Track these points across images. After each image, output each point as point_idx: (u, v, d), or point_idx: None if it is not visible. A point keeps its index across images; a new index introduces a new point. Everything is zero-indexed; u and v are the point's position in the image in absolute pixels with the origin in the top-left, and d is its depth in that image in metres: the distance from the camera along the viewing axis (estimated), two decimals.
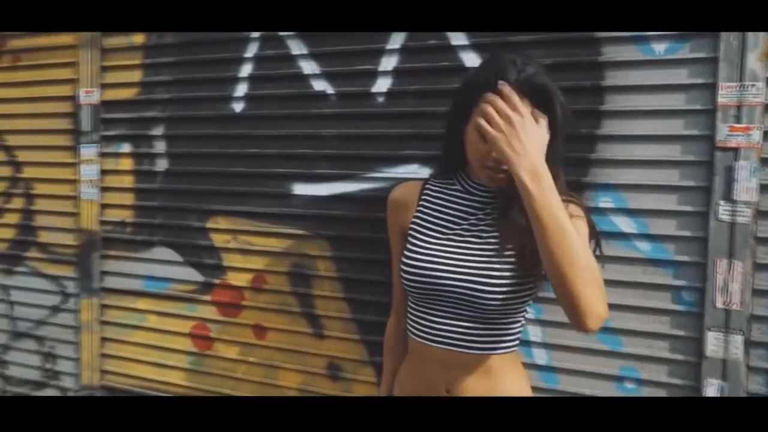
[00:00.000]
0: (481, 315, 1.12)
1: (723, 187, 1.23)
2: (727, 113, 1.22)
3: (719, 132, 1.23)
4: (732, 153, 1.22)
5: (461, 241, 1.15)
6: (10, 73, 2.01)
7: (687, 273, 1.29)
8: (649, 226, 1.31)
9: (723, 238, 1.23)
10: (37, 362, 2.04)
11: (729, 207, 1.22)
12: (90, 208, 1.88)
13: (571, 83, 1.33)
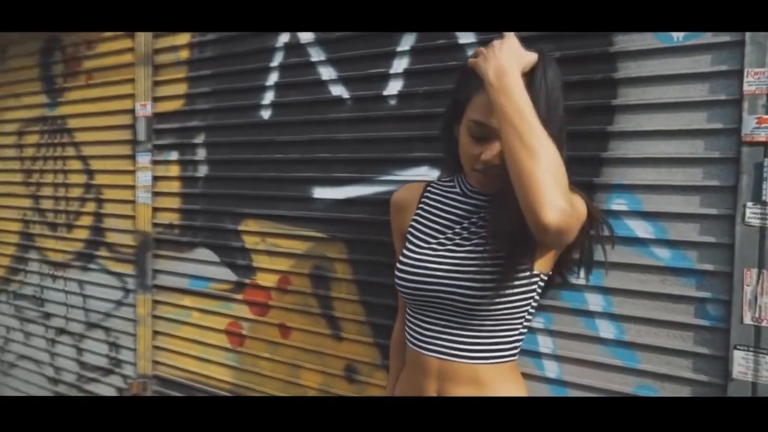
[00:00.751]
0: (469, 322, 1.08)
1: (751, 186, 1.08)
2: (755, 103, 1.08)
3: (746, 124, 1.08)
4: (761, 148, 1.07)
5: (451, 246, 1.12)
6: (84, 91, 2.25)
7: (711, 284, 1.15)
8: (668, 231, 1.18)
9: (752, 245, 1.08)
10: (105, 351, 2.25)
11: (758, 209, 1.07)
12: (145, 211, 2.05)
13: (580, 77, 1.24)
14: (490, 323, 1.09)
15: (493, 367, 1.10)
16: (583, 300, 1.27)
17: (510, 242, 1.04)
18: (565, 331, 1.30)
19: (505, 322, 1.09)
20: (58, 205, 2.38)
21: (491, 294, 1.05)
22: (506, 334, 1.10)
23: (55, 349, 2.45)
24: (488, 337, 1.09)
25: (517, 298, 1.08)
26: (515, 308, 1.09)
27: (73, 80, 2.29)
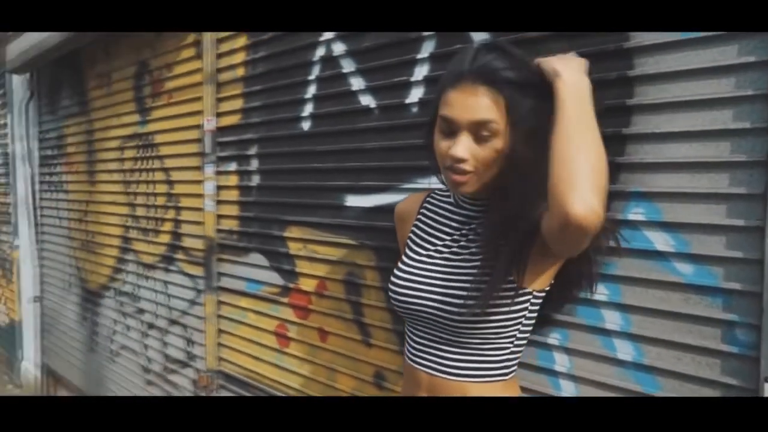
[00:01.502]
0: (456, 339, 1.06)
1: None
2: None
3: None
4: None
5: (438, 259, 1.10)
6: (165, 109, 2.49)
7: (739, 305, 1.00)
8: (691, 244, 1.05)
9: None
10: (183, 345, 2.47)
11: None
12: (210, 218, 2.22)
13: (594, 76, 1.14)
14: (477, 341, 1.05)
15: (482, 385, 1.06)
16: (600, 317, 1.18)
17: (499, 254, 1.00)
18: (581, 350, 1.21)
19: (492, 340, 1.05)
20: (148, 212, 2.65)
21: (476, 310, 1.01)
22: (495, 352, 1.06)
23: (146, 341, 2.73)
24: (475, 355, 1.06)
25: (505, 317, 1.03)
26: (503, 326, 1.04)
27: (157, 100, 2.54)
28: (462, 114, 0.94)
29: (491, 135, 0.94)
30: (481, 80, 0.93)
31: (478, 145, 0.95)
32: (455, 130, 0.96)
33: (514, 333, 1.06)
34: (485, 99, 0.93)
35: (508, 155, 0.95)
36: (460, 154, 0.95)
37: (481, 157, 0.96)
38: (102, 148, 3.00)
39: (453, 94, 0.96)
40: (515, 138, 0.94)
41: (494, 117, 0.93)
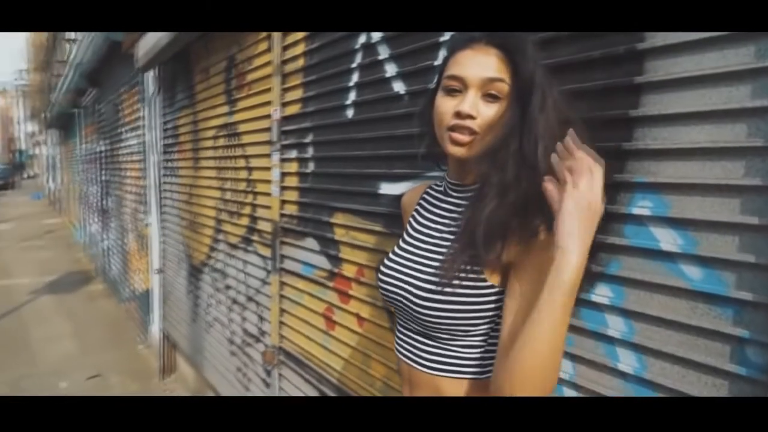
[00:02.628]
0: (426, 331, 1.03)
1: None
2: None
3: None
4: None
5: (418, 248, 1.07)
6: (246, 100, 2.66)
7: (752, 319, 0.84)
8: (700, 244, 0.90)
9: None
10: (256, 321, 2.64)
11: None
12: (276, 203, 2.34)
13: (600, 52, 1.02)
14: (446, 336, 1.00)
15: (456, 381, 1.01)
16: (603, 322, 1.06)
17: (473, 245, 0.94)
18: (584, 357, 1.09)
19: (460, 336, 0.99)
20: (233, 196, 2.86)
21: (436, 297, 0.97)
22: (466, 350, 1.00)
23: (231, 315, 2.96)
24: (446, 349, 1.01)
25: (472, 312, 0.96)
26: (471, 322, 0.97)
27: (240, 92, 2.72)
28: (472, 71, 0.93)
29: (498, 96, 0.92)
30: (494, 43, 0.93)
31: (486, 105, 0.93)
32: (462, 89, 0.95)
33: (486, 332, 0.99)
34: (497, 60, 0.92)
35: (507, 124, 0.91)
36: (467, 110, 0.92)
37: (487, 117, 0.93)
38: (202, 137, 3.28)
39: (463, 54, 0.95)
40: (515, 108, 0.91)
41: (504, 77, 0.92)
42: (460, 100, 0.94)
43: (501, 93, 0.92)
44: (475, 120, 0.93)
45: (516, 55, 0.91)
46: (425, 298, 0.98)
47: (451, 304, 0.96)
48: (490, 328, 0.99)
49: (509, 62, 0.92)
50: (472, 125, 0.93)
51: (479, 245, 0.94)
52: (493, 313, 0.98)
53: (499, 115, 0.92)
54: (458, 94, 0.95)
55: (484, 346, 1.00)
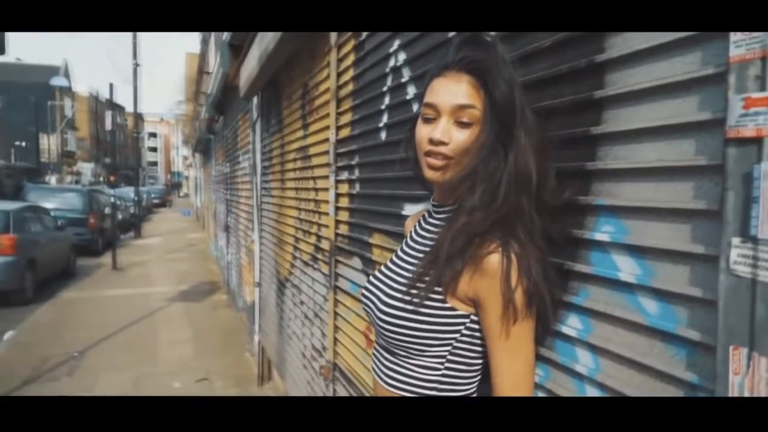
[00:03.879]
0: (386, 344, 1.05)
1: (739, 211, 0.66)
2: (743, 74, 0.65)
3: (731, 111, 0.66)
4: (752, 148, 0.64)
5: (395, 265, 1.11)
6: (315, 125, 2.80)
7: (699, 362, 0.73)
8: (656, 275, 0.80)
9: (740, 309, 0.65)
10: (319, 336, 2.74)
11: (748, 250, 0.64)
12: (332, 223, 2.43)
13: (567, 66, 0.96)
14: (403, 353, 1.01)
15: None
16: (573, 356, 0.97)
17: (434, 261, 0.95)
18: (555, 392, 1.01)
19: (416, 355, 0.99)
20: (306, 215, 3.01)
21: (395, 314, 0.98)
22: (422, 370, 0.99)
23: (303, 330, 3.10)
24: (404, 367, 1.02)
25: (427, 332, 0.97)
26: (426, 342, 0.97)
27: (310, 117, 2.87)
28: (444, 99, 0.96)
29: (471, 122, 0.94)
30: (465, 69, 0.95)
31: (459, 130, 0.95)
32: (437, 116, 0.97)
33: (443, 354, 0.97)
34: (468, 86, 0.95)
35: (481, 148, 0.93)
36: (439, 136, 0.95)
37: (460, 142, 0.95)
38: (286, 159, 3.50)
39: (437, 82, 0.99)
40: (489, 132, 0.93)
41: (475, 103, 0.94)
42: (434, 126, 0.96)
43: (472, 119, 0.94)
44: (448, 146, 0.95)
45: (488, 78, 0.92)
46: (386, 312, 1.00)
47: (408, 321, 0.97)
48: (448, 351, 0.97)
49: (481, 87, 0.93)
50: (445, 151, 0.95)
51: (441, 264, 0.94)
52: (451, 336, 0.97)
53: (471, 140, 0.94)
54: (433, 121, 0.97)
55: (440, 369, 0.98)
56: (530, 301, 0.89)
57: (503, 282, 0.88)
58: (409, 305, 0.97)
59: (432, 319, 0.96)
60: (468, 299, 0.94)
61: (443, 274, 0.94)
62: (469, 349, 0.98)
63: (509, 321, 0.89)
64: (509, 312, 0.89)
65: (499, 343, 0.92)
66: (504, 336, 0.90)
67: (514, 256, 0.88)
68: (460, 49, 0.96)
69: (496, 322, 0.91)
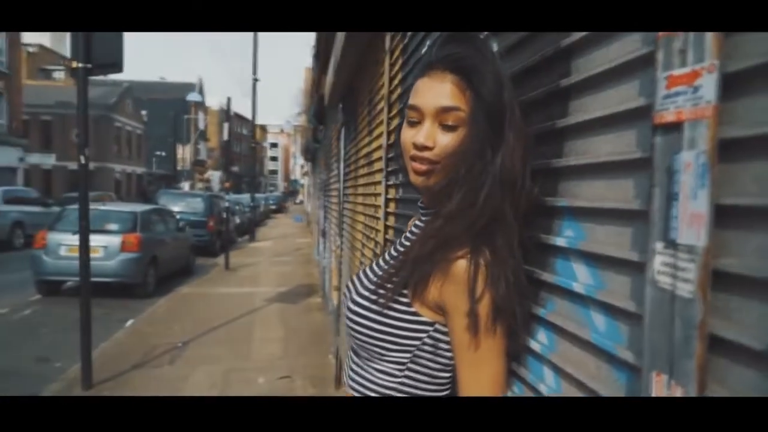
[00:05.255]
0: (354, 344, 1.03)
1: (663, 212, 0.55)
2: (669, 49, 0.55)
3: (658, 93, 0.56)
4: (675, 134, 0.54)
5: (376, 266, 1.07)
6: (376, 130, 2.82)
7: (636, 389, 0.62)
8: (605, 286, 0.70)
9: (663, 326, 0.55)
10: None
11: (669, 257, 0.54)
12: (382, 227, 2.42)
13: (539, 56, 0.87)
14: (366, 354, 0.99)
15: None
16: (540, 374, 0.87)
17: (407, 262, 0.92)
18: None
19: (376, 358, 0.96)
20: (367, 221, 3.03)
21: (361, 312, 0.96)
22: (381, 375, 0.96)
23: None
24: (364, 369, 1.00)
25: (389, 335, 0.93)
26: (387, 346, 0.94)
27: (373, 123, 2.89)
28: (427, 100, 0.92)
29: (456, 124, 0.90)
30: (449, 68, 0.90)
31: (444, 133, 0.91)
32: (421, 119, 0.94)
33: (403, 361, 0.93)
34: (452, 86, 0.90)
35: (467, 151, 0.89)
36: (422, 141, 0.91)
37: (445, 146, 0.91)
38: (359, 165, 3.55)
39: (421, 82, 0.95)
40: (475, 134, 0.87)
41: (459, 104, 0.89)
42: (418, 130, 0.92)
43: (458, 121, 0.89)
44: (433, 150, 0.91)
45: (474, 76, 0.87)
46: (353, 310, 0.99)
47: (371, 321, 0.95)
48: (408, 359, 0.93)
49: (467, 86, 0.88)
50: (429, 155, 0.91)
51: (409, 267, 0.91)
52: (412, 343, 0.92)
53: (456, 143, 0.89)
54: (418, 124, 0.93)
55: (398, 376, 0.94)
56: (497, 314, 0.82)
57: (467, 290, 0.82)
58: (374, 305, 0.94)
59: (394, 323, 0.92)
60: (436, 306, 0.89)
61: (410, 277, 0.90)
62: (433, 359, 0.92)
63: (472, 332, 0.83)
64: (471, 322, 0.82)
65: (462, 355, 0.86)
66: (468, 348, 0.84)
67: (483, 264, 0.82)
68: (444, 46, 0.91)
69: (460, 332, 0.85)
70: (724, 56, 0.48)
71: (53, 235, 8.07)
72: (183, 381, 4.78)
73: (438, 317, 0.90)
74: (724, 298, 0.49)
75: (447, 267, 0.85)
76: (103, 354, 5.42)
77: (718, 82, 0.48)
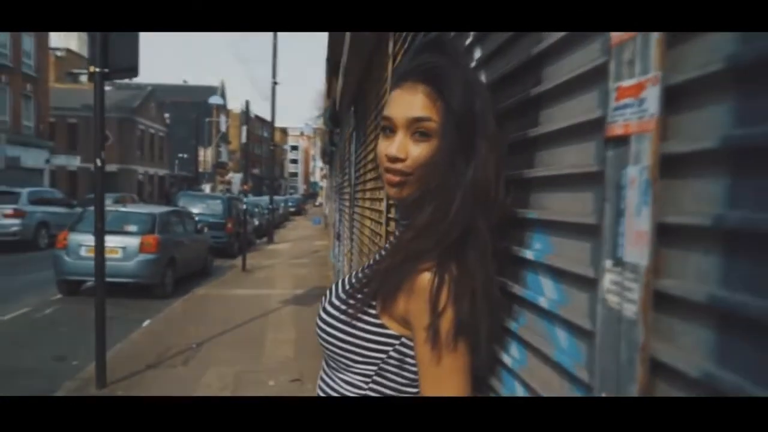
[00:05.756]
0: (324, 352, 1.01)
1: (611, 228, 0.53)
2: (620, 59, 0.53)
3: (609, 104, 0.54)
4: (623, 148, 0.51)
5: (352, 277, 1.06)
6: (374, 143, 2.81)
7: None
8: (567, 302, 0.68)
9: (612, 347, 0.53)
10: None
11: (617, 275, 0.52)
12: (385, 232, 2.41)
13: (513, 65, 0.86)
14: (333, 363, 0.98)
15: None
16: (512, 388, 0.86)
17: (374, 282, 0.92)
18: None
19: (342, 368, 0.95)
20: (373, 225, 3.03)
21: (328, 321, 0.95)
22: (346, 386, 0.96)
23: None
24: (331, 378, 0.99)
25: (354, 341, 0.92)
26: (352, 357, 0.93)
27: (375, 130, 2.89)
28: (399, 112, 0.91)
29: (428, 134, 0.89)
30: (420, 78, 0.90)
31: (416, 144, 0.90)
32: (392, 129, 0.93)
33: (368, 373, 0.92)
34: (423, 97, 0.89)
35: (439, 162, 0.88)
36: (394, 152, 0.91)
37: (417, 157, 0.90)
38: (367, 170, 3.55)
39: (395, 93, 0.94)
40: (446, 144, 0.86)
41: (430, 115, 0.88)
42: (392, 141, 0.91)
43: (430, 131, 0.87)
44: (405, 162, 0.89)
45: (443, 85, 0.86)
46: (323, 319, 0.98)
47: (339, 332, 0.94)
48: (374, 372, 0.92)
49: (437, 96, 0.86)
50: (402, 167, 0.90)
51: (377, 279, 0.90)
52: (377, 355, 0.91)
53: (428, 154, 0.88)
54: (392, 134, 0.92)
55: (364, 389, 0.93)
56: (458, 331, 0.80)
57: (430, 304, 0.81)
58: (343, 315, 0.93)
59: (361, 334, 0.91)
60: (402, 319, 0.88)
61: (379, 289, 0.89)
62: (399, 374, 0.91)
63: (432, 347, 0.81)
64: (431, 337, 0.81)
65: (423, 370, 0.84)
66: (428, 363, 0.83)
67: (448, 279, 0.80)
68: (416, 56, 0.91)
69: (421, 347, 0.83)
70: (667, 68, 0.46)
71: (74, 235, 8.23)
72: (196, 381, 4.83)
73: (405, 331, 0.88)
74: (667, 320, 0.47)
75: (412, 280, 0.84)
76: (119, 353, 5.51)
77: (660, 95, 0.46)
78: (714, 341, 0.41)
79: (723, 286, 0.40)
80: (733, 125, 0.40)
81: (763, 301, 0.36)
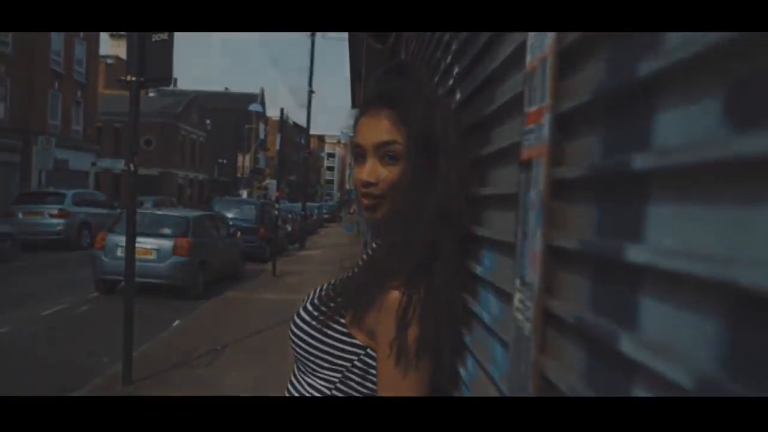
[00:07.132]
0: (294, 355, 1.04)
1: (521, 248, 0.55)
2: (531, 85, 0.54)
3: (523, 128, 0.56)
4: (528, 171, 0.53)
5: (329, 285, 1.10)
6: None
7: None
8: (503, 317, 0.69)
9: (517, 363, 0.54)
10: None
11: (522, 294, 0.53)
12: None
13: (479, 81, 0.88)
14: (301, 366, 1.01)
15: None
16: None
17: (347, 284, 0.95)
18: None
19: (308, 372, 0.98)
20: None
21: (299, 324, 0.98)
22: (312, 391, 0.99)
23: None
24: (298, 381, 1.02)
25: (319, 346, 0.95)
26: (318, 363, 0.96)
27: None
28: (367, 137, 0.95)
29: (397, 157, 0.92)
30: (384, 104, 0.93)
31: (385, 168, 0.94)
32: (363, 155, 0.97)
33: (332, 380, 0.95)
34: (387, 121, 0.92)
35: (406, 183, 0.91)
36: (365, 177, 0.95)
37: (386, 179, 0.94)
38: None
39: (362, 120, 0.98)
40: (411, 165, 0.90)
41: (395, 138, 0.91)
42: (361, 166, 0.95)
43: (397, 153, 0.91)
44: (377, 185, 0.93)
45: (404, 108, 0.89)
46: (295, 322, 1.01)
47: (308, 336, 0.97)
48: (337, 379, 0.95)
49: (400, 120, 0.90)
50: (374, 191, 0.93)
51: (347, 295, 0.93)
52: (342, 363, 0.94)
53: (397, 176, 0.91)
54: (363, 161, 0.96)
55: (326, 394, 0.95)
56: (421, 349, 0.82)
57: (395, 321, 0.83)
58: (314, 321, 0.96)
59: (329, 341, 0.94)
60: (369, 332, 0.91)
61: (349, 302, 0.92)
62: (362, 384, 0.93)
63: (395, 362, 0.83)
64: (394, 353, 0.83)
65: (383, 383, 0.87)
66: (389, 377, 0.85)
67: (415, 300, 0.83)
68: (379, 83, 0.94)
69: (383, 361, 0.86)
70: (558, 96, 0.47)
71: (112, 236, 8.53)
72: (216, 382, 4.93)
73: (371, 342, 0.91)
74: (558, 338, 0.48)
75: (382, 297, 0.86)
76: (147, 352, 5.68)
77: (551, 122, 0.47)
78: (585, 360, 0.43)
79: (590, 308, 0.42)
80: (601, 154, 0.41)
81: (609, 323, 0.37)
